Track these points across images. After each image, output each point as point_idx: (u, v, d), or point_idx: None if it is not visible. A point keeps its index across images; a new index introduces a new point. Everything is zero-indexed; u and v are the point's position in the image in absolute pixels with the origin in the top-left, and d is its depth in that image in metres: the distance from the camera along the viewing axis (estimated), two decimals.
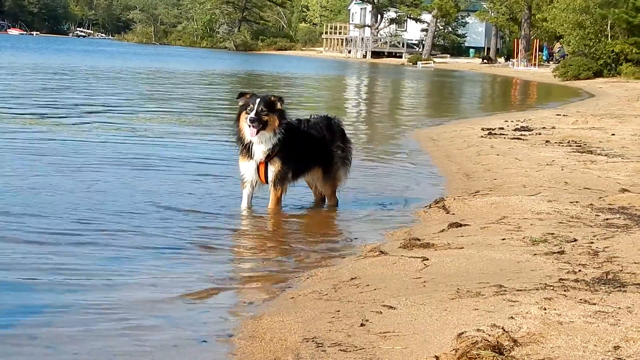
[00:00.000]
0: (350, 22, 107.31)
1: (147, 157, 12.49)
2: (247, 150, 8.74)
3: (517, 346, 4.42)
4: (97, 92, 26.33)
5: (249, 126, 8.52)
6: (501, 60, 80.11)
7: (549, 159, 12.70)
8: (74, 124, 16.31)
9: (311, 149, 9.10)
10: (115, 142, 13.98)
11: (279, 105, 8.63)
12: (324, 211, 9.46)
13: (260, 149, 8.67)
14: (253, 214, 8.89)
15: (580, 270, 5.95)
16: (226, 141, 12.72)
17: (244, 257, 7.42)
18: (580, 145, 14.63)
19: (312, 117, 9.45)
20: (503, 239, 7.15)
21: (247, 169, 8.82)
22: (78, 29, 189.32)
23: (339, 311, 5.33)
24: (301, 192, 9.72)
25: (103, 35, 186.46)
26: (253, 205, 9.03)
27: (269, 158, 8.71)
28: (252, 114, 8.48)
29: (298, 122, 9.17)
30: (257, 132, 8.53)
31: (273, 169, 8.73)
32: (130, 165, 11.64)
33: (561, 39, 62.34)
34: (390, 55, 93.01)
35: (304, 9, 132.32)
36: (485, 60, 79.70)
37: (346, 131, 9.84)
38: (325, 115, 9.53)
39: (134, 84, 33.11)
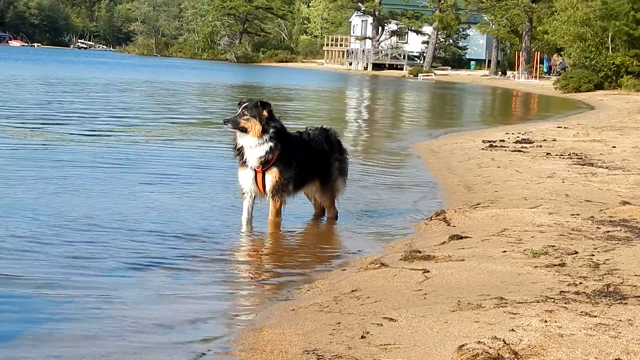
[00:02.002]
0: (351, 34, 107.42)
1: (152, 167, 12.51)
2: (242, 158, 8.76)
3: (517, 358, 4.42)
4: (100, 103, 26.36)
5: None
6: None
7: (550, 171, 12.71)
8: (73, 135, 16.31)
9: (312, 160, 9.09)
10: (117, 153, 14.00)
11: (263, 112, 8.61)
12: (324, 223, 9.46)
13: (252, 155, 8.64)
14: (252, 226, 8.87)
15: (581, 283, 5.94)
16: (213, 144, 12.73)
17: (244, 270, 7.41)
18: (581, 158, 14.64)
19: (309, 129, 9.44)
20: (504, 252, 7.15)
21: (245, 178, 8.79)
22: (79, 40, 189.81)
23: (339, 323, 5.33)
24: (301, 203, 9.71)
25: (104, 47, 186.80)
26: (253, 216, 9.02)
27: (266, 167, 8.68)
28: (230, 117, 8.70)
29: (299, 134, 9.18)
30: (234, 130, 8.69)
31: (270, 179, 8.71)
32: (132, 176, 11.67)
33: (562, 52, 62.41)
34: (391, 67, 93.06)
35: (305, 21, 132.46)
36: (503, 74, 78.93)
37: (344, 142, 9.87)
38: (322, 127, 9.50)
39: (139, 95, 33.12)
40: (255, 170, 8.68)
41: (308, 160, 9.01)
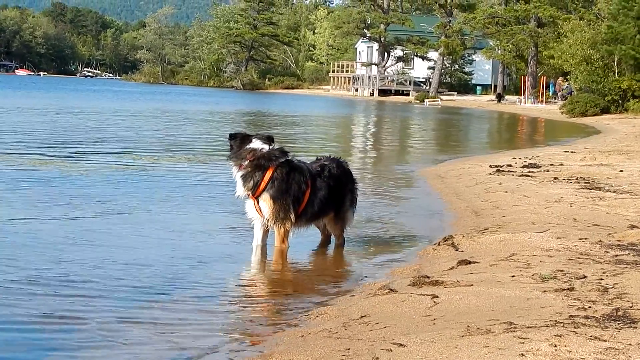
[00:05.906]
0: (357, 60, 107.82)
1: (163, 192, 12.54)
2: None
3: None
4: (109, 131, 26.45)
5: None
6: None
7: (558, 195, 12.70)
8: (82, 162, 16.36)
9: (330, 193, 9.07)
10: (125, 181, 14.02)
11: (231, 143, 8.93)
12: (332, 250, 9.45)
13: (239, 184, 8.79)
14: (260, 253, 8.86)
15: (590, 307, 5.93)
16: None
17: (252, 296, 7.41)
18: (588, 182, 14.62)
19: (319, 157, 9.47)
20: (512, 276, 7.14)
21: (249, 206, 8.87)
22: (85, 69, 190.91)
23: (349, 349, 5.32)
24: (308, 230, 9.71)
25: (110, 75, 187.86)
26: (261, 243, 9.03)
27: (255, 194, 8.70)
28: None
29: (319, 168, 9.14)
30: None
31: (264, 205, 8.74)
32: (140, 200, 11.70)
33: (567, 75, 62.53)
34: (397, 93, 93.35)
35: (311, 48, 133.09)
36: (499, 100, 79.04)
37: (351, 168, 9.90)
38: (335, 158, 9.50)
39: (149, 123, 33.24)
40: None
41: (326, 193, 9.03)
